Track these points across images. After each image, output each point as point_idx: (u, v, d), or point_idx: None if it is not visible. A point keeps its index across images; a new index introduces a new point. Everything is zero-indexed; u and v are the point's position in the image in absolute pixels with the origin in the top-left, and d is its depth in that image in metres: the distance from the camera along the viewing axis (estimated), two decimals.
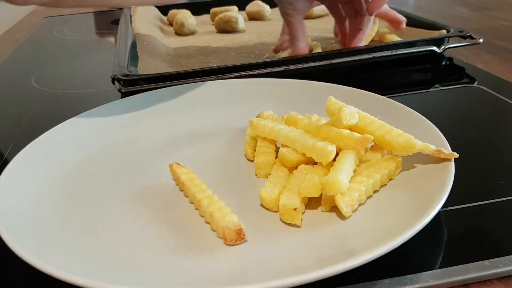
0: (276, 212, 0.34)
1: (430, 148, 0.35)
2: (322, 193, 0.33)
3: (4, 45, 1.00)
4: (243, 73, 0.59)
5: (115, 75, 0.58)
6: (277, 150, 0.40)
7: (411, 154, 0.36)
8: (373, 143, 0.37)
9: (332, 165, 0.34)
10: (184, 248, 0.32)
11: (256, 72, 0.59)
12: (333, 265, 0.26)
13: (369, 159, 0.37)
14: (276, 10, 1.04)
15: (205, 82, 0.56)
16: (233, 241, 0.31)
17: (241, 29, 0.90)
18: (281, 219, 0.33)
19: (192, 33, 0.91)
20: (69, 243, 0.32)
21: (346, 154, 0.35)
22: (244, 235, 0.31)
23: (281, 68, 0.61)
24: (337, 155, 0.35)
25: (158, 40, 0.83)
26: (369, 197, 0.34)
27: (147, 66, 0.66)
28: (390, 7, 0.84)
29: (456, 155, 0.35)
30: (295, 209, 0.32)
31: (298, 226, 0.33)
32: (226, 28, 0.89)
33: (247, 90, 0.54)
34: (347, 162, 0.34)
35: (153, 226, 0.34)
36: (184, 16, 0.91)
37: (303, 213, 0.34)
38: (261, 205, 0.35)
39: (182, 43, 0.84)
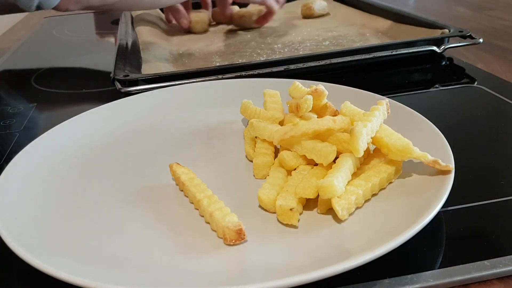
0: (274, 213, 0.34)
1: (427, 157, 0.34)
2: (318, 195, 0.33)
3: (4, 45, 1.00)
4: (243, 73, 0.59)
5: (115, 75, 0.58)
6: (276, 151, 0.41)
7: (406, 160, 0.35)
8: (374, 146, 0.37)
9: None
10: (184, 248, 0.32)
11: (256, 72, 0.59)
12: (333, 265, 0.26)
13: (370, 162, 0.37)
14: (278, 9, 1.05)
15: (205, 82, 0.56)
16: (233, 241, 0.31)
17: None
18: (278, 220, 0.33)
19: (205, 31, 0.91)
20: (69, 243, 0.32)
21: (345, 157, 0.35)
22: (244, 235, 0.31)
23: (281, 68, 0.61)
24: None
25: (160, 39, 0.83)
26: (367, 200, 0.34)
27: (150, 67, 0.66)
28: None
29: (452, 168, 0.34)
30: (291, 210, 0.32)
31: (295, 227, 0.33)
32: (241, 23, 0.90)
33: (247, 90, 0.54)
34: (345, 166, 0.34)
35: (153, 226, 0.34)
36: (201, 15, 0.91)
37: (300, 214, 0.34)
38: (260, 205, 0.35)
39: (184, 42, 0.84)
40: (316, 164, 0.37)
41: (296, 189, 0.34)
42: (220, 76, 0.58)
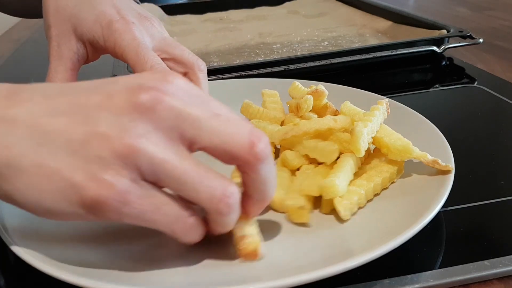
0: (283, 212, 0.34)
1: (427, 157, 0.34)
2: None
3: (4, 45, 1.00)
4: (243, 73, 0.59)
5: (115, 75, 0.58)
6: (276, 151, 0.40)
7: (405, 160, 0.35)
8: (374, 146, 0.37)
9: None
10: (184, 248, 0.31)
11: (256, 72, 0.59)
12: (333, 265, 0.26)
13: (371, 162, 0.37)
14: (277, 9, 1.05)
15: None
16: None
17: None
18: (289, 220, 0.33)
19: None
20: (69, 243, 0.32)
21: (347, 157, 0.35)
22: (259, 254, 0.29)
23: (281, 68, 0.61)
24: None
25: None
26: (369, 200, 0.34)
27: None
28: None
29: (452, 168, 0.34)
30: (301, 208, 0.32)
31: (307, 225, 0.32)
32: None
33: (247, 90, 0.54)
34: (347, 166, 0.34)
35: None
36: None
37: (311, 212, 0.33)
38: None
39: (183, 42, 0.84)
40: (319, 163, 0.37)
41: (301, 187, 0.33)
42: (219, 76, 0.58)
